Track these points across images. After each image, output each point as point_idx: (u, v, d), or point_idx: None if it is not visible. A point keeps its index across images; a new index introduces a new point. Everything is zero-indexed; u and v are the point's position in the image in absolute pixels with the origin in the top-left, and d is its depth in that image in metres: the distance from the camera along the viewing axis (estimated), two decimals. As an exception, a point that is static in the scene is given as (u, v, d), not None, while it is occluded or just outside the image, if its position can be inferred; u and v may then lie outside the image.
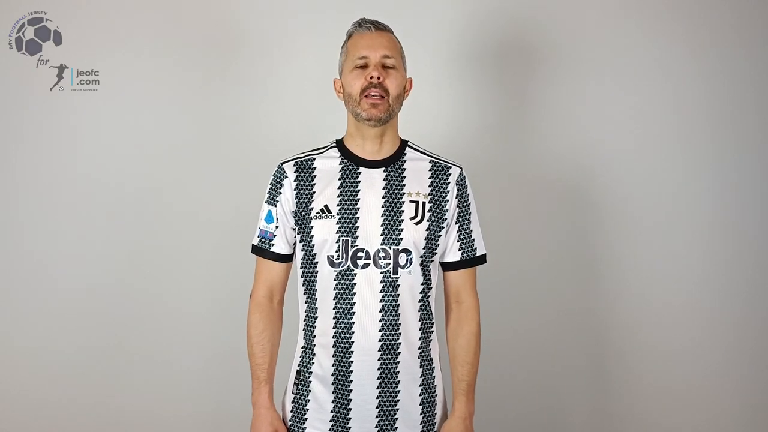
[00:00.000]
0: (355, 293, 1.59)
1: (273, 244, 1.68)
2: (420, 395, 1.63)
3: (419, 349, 1.64)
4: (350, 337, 1.59)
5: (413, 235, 1.60)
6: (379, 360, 1.60)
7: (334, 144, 1.70)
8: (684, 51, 2.42)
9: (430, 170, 1.67)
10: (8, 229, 2.38)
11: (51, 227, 2.38)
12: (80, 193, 2.39)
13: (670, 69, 2.42)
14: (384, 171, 1.65)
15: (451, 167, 1.69)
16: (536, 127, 2.42)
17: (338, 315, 1.60)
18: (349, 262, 1.60)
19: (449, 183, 1.67)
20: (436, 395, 1.67)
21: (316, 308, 1.64)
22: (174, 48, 2.39)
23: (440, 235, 1.65)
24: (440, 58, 2.40)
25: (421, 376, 1.64)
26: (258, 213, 1.72)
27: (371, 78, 1.59)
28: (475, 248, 1.70)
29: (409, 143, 1.71)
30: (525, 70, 2.42)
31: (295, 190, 1.65)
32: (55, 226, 2.38)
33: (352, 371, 1.60)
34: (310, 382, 1.64)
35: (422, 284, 1.63)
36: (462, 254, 1.68)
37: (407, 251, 1.60)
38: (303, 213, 1.64)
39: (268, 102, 2.40)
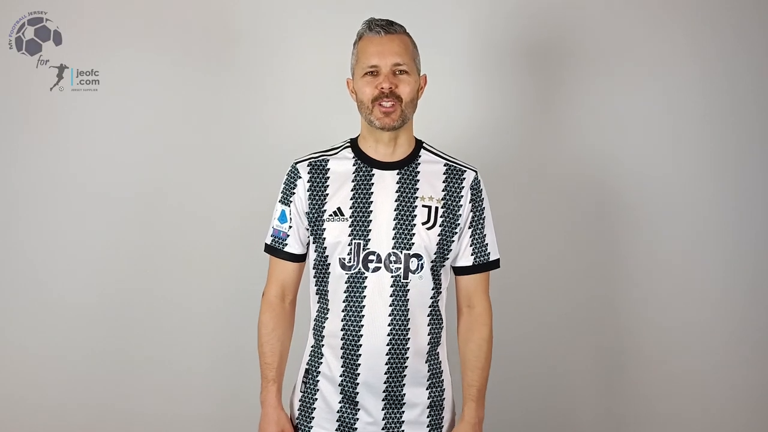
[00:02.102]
0: (365, 296, 1.58)
1: (286, 244, 1.66)
2: (428, 398, 1.63)
3: (428, 353, 1.63)
4: (359, 340, 1.59)
5: (425, 240, 1.59)
6: (386, 364, 1.59)
7: (348, 144, 1.68)
8: (685, 51, 2.43)
9: (444, 174, 1.64)
10: (9, 230, 2.36)
11: (51, 228, 2.37)
12: (81, 194, 2.37)
13: (670, 70, 2.43)
14: (398, 173, 1.62)
15: (465, 171, 1.66)
16: (549, 127, 2.43)
17: (347, 317, 1.59)
18: (360, 265, 1.58)
19: (463, 188, 1.64)
20: (444, 398, 1.66)
21: (327, 309, 1.63)
22: (175, 47, 2.37)
23: (453, 241, 1.63)
24: (455, 58, 2.39)
25: (428, 379, 1.63)
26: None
27: (382, 89, 1.56)
28: (488, 253, 1.67)
29: (424, 144, 1.68)
30: (539, 70, 2.42)
31: (308, 191, 1.63)
32: (55, 227, 2.37)
33: (359, 374, 1.59)
34: (318, 381, 1.64)
35: (432, 289, 1.62)
36: (474, 259, 1.66)
37: (418, 256, 1.59)
38: (316, 215, 1.62)
39: (271, 102, 2.39)
